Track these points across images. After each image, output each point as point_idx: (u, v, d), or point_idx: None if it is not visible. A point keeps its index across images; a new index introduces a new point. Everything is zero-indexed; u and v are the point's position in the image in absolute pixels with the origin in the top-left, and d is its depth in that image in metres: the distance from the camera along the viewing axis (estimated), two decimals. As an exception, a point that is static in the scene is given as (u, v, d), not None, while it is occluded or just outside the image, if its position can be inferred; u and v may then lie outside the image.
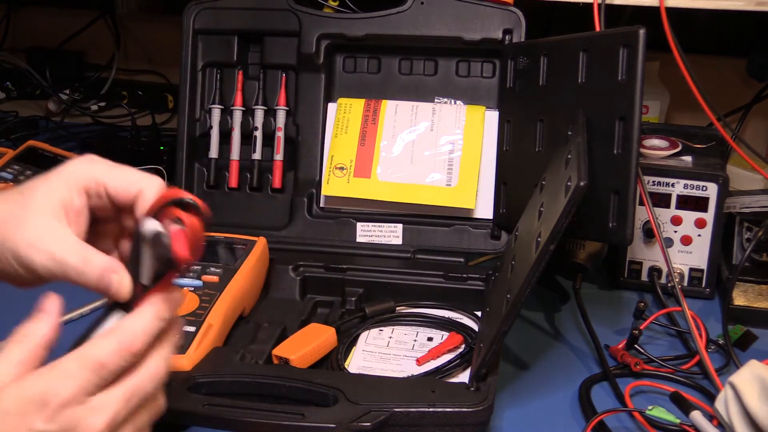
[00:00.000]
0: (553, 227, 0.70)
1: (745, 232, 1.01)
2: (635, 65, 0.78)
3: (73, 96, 1.59)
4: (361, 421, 0.68)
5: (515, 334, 0.92)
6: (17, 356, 0.54)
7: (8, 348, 0.55)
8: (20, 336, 0.55)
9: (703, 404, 0.79)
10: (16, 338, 0.55)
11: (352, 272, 0.95)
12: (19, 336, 0.55)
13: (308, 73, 1.05)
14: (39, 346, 0.55)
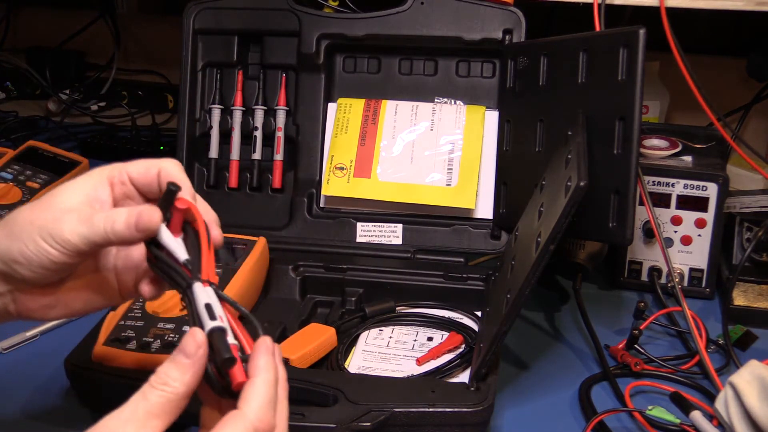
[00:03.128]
0: (553, 227, 0.70)
1: (745, 232, 1.01)
2: (635, 65, 0.78)
3: (73, 96, 1.59)
4: (361, 421, 0.68)
5: (515, 334, 0.92)
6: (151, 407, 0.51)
7: (145, 392, 0.52)
8: (159, 381, 0.52)
9: (703, 404, 0.79)
10: (154, 381, 0.52)
11: (352, 272, 0.95)
12: (159, 381, 0.52)
13: (308, 73, 1.05)
14: (180, 397, 0.52)
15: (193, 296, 0.55)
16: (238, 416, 0.51)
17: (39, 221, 0.58)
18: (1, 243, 0.59)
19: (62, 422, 0.77)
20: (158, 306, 0.82)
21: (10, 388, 0.81)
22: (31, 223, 0.58)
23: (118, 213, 0.58)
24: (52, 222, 0.58)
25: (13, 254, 0.58)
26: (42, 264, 0.58)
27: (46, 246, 0.58)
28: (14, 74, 1.64)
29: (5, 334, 0.88)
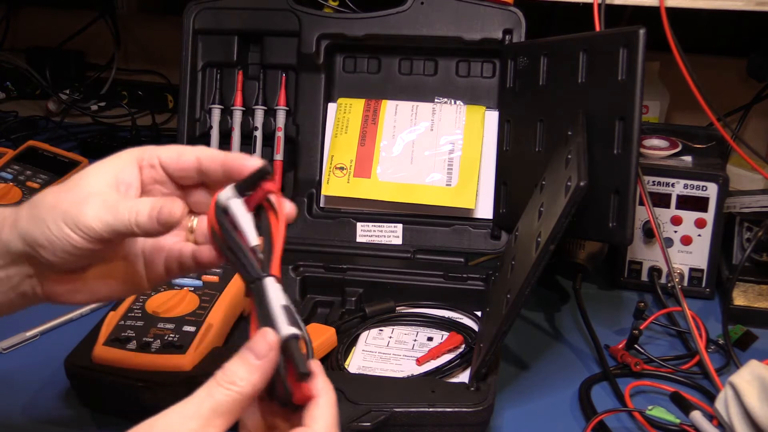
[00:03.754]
0: (553, 227, 0.70)
1: (745, 232, 1.01)
2: (635, 65, 0.78)
3: (73, 96, 1.59)
4: (361, 421, 0.68)
5: (515, 334, 0.92)
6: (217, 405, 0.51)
7: (210, 389, 0.52)
8: (227, 380, 0.52)
9: (703, 404, 0.79)
10: (221, 378, 0.52)
11: (352, 272, 0.95)
12: (226, 379, 0.52)
13: (308, 73, 1.05)
14: (246, 397, 0.52)
15: (264, 292, 0.53)
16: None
17: (63, 205, 0.57)
18: (25, 225, 0.58)
19: (62, 422, 0.77)
20: (158, 306, 0.82)
21: (10, 388, 0.81)
22: (54, 207, 0.58)
23: (142, 204, 0.57)
24: (76, 206, 0.57)
25: (37, 237, 0.57)
26: (65, 249, 0.57)
27: (68, 231, 0.57)
28: (14, 74, 1.64)
29: (5, 334, 0.88)
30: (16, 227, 0.58)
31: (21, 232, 0.58)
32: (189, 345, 0.77)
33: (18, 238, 0.58)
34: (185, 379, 0.74)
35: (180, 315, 0.81)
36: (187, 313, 0.82)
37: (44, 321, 0.91)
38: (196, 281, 0.86)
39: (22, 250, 0.59)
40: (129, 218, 0.56)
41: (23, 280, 0.61)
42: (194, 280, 0.86)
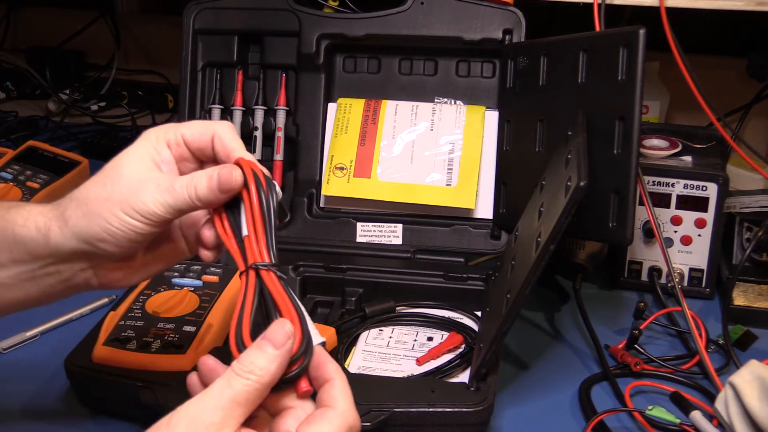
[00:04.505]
0: (553, 227, 0.70)
1: (745, 232, 1.01)
2: (635, 65, 0.78)
3: (73, 96, 1.59)
4: (361, 421, 0.68)
5: (515, 334, 0.92)
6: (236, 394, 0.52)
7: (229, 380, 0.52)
8: (245, 369, 0.52)
9: (703, 404, 0.79)
10: (239, 369, 0.52)
11: (352, 272, 0.95)
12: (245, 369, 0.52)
13: (308, 73, 1.05)
14: (265, 387, 0.53)
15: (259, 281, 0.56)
16: (335, 414, 0.53)
17: (116, 196, 0.59)
18: (80, 223, 0.59)
19: (62, 422, 0.77)
20: (158, 306, 0.82)
21: (10, 388, 0.82)
22: (107, 200, 0.59)
23: (198, 178, 0.59)
24: (132, 195, 0.59)
25: (96, 232, 0.59)
26: (128, 237, 0.59)
27: (130, 220, 0.59)
28: (14, 74, 1.64)
29: (5, 334, 0.88)
30: (68, 227, 0.60)
31: (75, 231, 0.60)
32: (189, 345, 0.77)
33: (72, 237, 0.60)
34: (185, 379, 0.74)
35: (180, 315, 0.81)
36: (187, 313, 0.82)
37: (44, 321, 0.91)
38: (196, 281, 0.86)
39: (77, 247, 0.60)
40: (189, 194, 0.59)
41: (76, 273, 0.63)
42: (194, 280, 0.86)
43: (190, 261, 0.89)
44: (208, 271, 0.88)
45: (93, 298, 0.96)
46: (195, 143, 0.62)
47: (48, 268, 0.62)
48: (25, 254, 0.61)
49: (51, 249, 0.61)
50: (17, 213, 0.62)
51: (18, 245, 0.61)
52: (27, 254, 0.61)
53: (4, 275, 0.62)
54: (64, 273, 0.63)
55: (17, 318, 0.91)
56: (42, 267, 0.62)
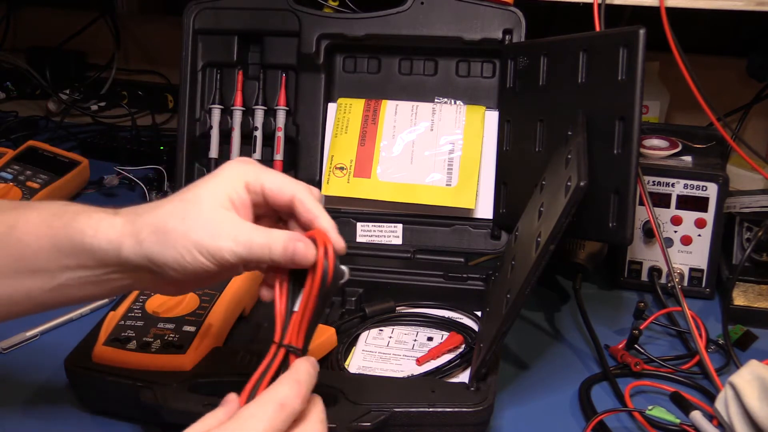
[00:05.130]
0: (553, 227, 0.70)
1: (745, 232, 1.01)
2: (635, 65, 0.78)
3: (73, 96, 1.59)
4: (361, 421, 0.68)
5: (515, 334, 0.92)
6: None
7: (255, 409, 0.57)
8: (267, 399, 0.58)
9: (703, 404, 0.79)
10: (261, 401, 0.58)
11: (352, 272, 0.95)
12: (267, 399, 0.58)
13: (308, 73, 1.05)
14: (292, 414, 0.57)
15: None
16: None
17: (193, 235, 0.62)
18: (154, 249, 0.62)
19: (62, 422, 0.77)
20: (158, 306, 0.82)
21: (10, 388, 0.82)
22: (184, 236, 0.62)
23: (275, 242, 0.61)
24: (209, 238, 0.61)
25: (167, 261, 0.62)
26: (196, 272, 0.62)
27: (203, 260, 0.62)
28: (14, 74, 1.64)
29: (5, 334, 0.88)
30: (141, 248, 0.62)
31: (147, 254, 0.62)
32: (189, 345, 0.77)
33: (143, 257, 0.62)
34: (185, 379, 0.74)
35: (180, 315, 0.81)
36: (187, 313, 0.82)
37: (44, 321, 0.91)
38: (196, 281, 0.86)
39: (145, 266, 0.63)
40: (263, 253, 0.62)
41: (137, 281, 0.66)
42: (194, 280, 0.86)
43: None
44: (208, 271, 0.88)
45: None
46: (274, 197, 0.64)
47: (113, 275, 0.65)
48: (93, 262, 0.64)
49: (120, 261, 0.63)
50: (86, 223, 0.64)
51: (86, 253, 0.64)
52: (95, 262, 0.64)
53: (69, 277, 0.65)
54: (126, 280, 0.66)
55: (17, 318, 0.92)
56: (107, 273, 0.65)
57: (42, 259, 0.65)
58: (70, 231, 0.64)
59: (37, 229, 0.65)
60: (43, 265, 0.65)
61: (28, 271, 0.65)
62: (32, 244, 0.65)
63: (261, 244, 0.61)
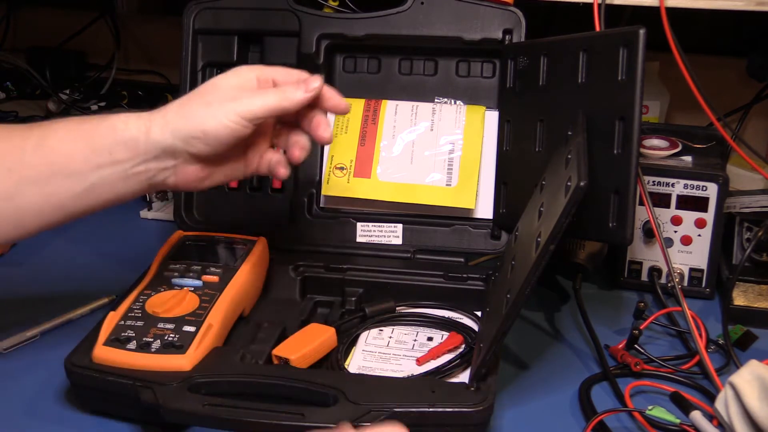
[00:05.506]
0: (553, 227, 0.70)
1: (745, 232, 1.01)
2: (635, 65, 0.78)
3: (73, 96, 1.59)
4: (361, 421, 0.68)
5: (515, 334, 0.92)
6: None
7: None
8: None
9: (703, 404, 0.79)
10: None
11: (352, 272, 0.95)
12: None
13: (308, 72, 1.05)
14: None
15: None
16: None
17: (215, 102, 0.73)
18: (178, 123, 0.73)
19: (62, 422, 0.77)
20: (158, 306, 0.82)
21: (10, 388, 0.82)
22: (208, 105, 0.73)
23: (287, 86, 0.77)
24: (230, 101, 0.73)
25: (193, 131, 0.73)
26: (218, 137, 0.73)
27: (226, 121, 0.73)
28: (14, 74, 1.63)
29: (5, 334, 0.89)
30: (168, 126, 0.73)
31: (173, 129, 0.73)
32: (189, 345, 0.77)
33: (170, 134, 0.73)
34: (185, 379, 0.74)
35: (180, 315, 0.81)
36: (187, 313, 0.82)
37: (44, 321, 0.91)
38: (196, 281, 0.86)
39: (171, 144, 0.73)
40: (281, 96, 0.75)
41: (160, 172, 0.75)
42: (194, 281, 0.86)
43: (190, 261, 0.89)
44: (208, 271, 0.88)
45: (93, 298, 0.96)
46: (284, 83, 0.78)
47: (139, 166, 0.74)
48: (124, 152, 0.73)
49: (148, 146, 0.73)
50: (116, 119, 0.74)
51: (119, 145, 0.73)
52: (126, 152, 0.73)
53: (102, 174, 0.73)
54: (151, 171, 0.75)
55: (17, 318, 0.92)
56: (135, 165, 0.74)
57: (76, 161, 0.73)
58: (102, 129, 0.73)
59: (69, 134, 0.73)
60: (77, 167, 0.73)
61: (61, 175, 0.72)
62: (66, 148, 0.73)
63: (274, 90, 0.76)
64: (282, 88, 0.76)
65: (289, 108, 0.76)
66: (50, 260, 1.08)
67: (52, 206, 0.74)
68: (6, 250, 1.09)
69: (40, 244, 1.12)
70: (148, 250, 0.95)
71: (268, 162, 0.81)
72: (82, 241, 1.13)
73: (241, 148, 0.80)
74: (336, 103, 0.79)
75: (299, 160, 0.81)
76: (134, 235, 1.16)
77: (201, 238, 0.96)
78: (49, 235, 1.14)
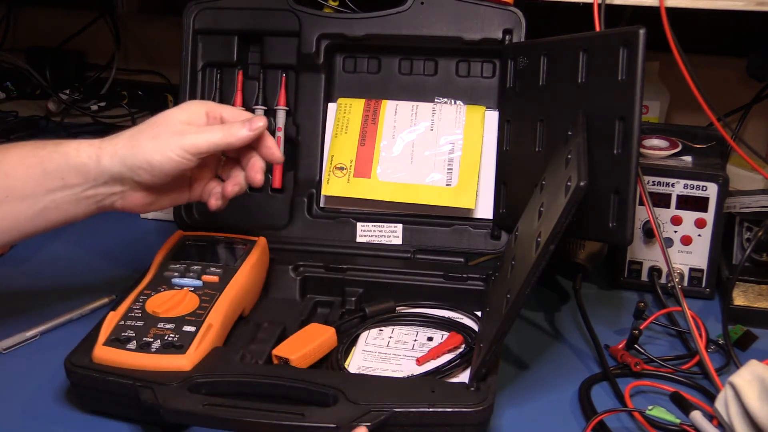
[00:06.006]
0: (553, 227, 0.70)
1: (745, 232, 1.01)
2: (635, 65, 0.78)
3: (73, 96, 1.59)
4: (361, 421, 0.68)
5: (515, 334, 0.92)
6: None
7: None
8: None
9: (703, 404, 0.79)
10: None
11: (352, 272, 0.95)
12: None
13: (308, 73, 1.05)
14: None
15: None
16: None
17: (163, 136, 0.79)
18: (127, 153, 0.79)
19: (62, 422, 0.77)
20: (158, 306, 0.82)
21: (10, 388, 0.82)
22: (155, 138, 0.79)
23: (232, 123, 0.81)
24: (177, 135, 0.79)
25: (140, 162, 0.78)
26: (163, 169, 0.79)
27: (171, 154, 0.78)
28: (14, 74, 1.64)
29: (5, 334, 0.88)
30: (117, 155, 0.79)
31: (121, 158, 0.78)
32: (189, 345, 0.77)
33: (118, 162, 0.78)
34: (185, 379, 0.74)
35: (180, 315, 0.81)
36: (187, 313, 0.82)
37: (44, 321, 0.91)
38: (196, 281, 0.86)
39: (118, 173, 0.79)
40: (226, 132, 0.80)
41: (108, 197, 0.81)
42: (194, 281, 0.86)
43: (190, 261, 0.89)
44: (208, 271, 0.88)
45: (93, 298, 0.96)
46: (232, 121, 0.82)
47: (89, 191, 0.79)
48: (75, 177, 0.78)
49: (98, 172, 0.78)
50: (69, 146, 0.79)
51: (71, 171, 0.78)
52: (77, 177, 0.78)
53: (54, 198, 0.78)
54: (100, 195, 0.80)
55: (17, 318, 0.92)
56: (85, 190, 0.79)
57: (29, 186, 0.78)
58: (55, 155, 0.78)
59: (24, 160, 0.78)
60: (30, 190, 0.78)
61: (16, 198, 0.78)
62: (20, 174, 0.77)
63: (221, 128, 0.80)
64: (228, 125, 0.81)
65: (233, 144, 0.81)
66: (50, 260, 1.08)
67: (7, 227, 0.79)
68: (6, 250, 1.09)
69: (40, 244, 1.12)
70: (148, 250, 0.95)
71: (210, 191, 0.87)
72: (82, 241, 1.13)
73: (186, 177, 0.86)
74: (271, 153, 0.84)
75: (231, 194, 0.86)
76: (134, 235, 1.16)
77: (201, 238, 0.96)
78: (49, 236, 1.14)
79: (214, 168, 0.88)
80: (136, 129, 0.81)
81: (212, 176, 0.87)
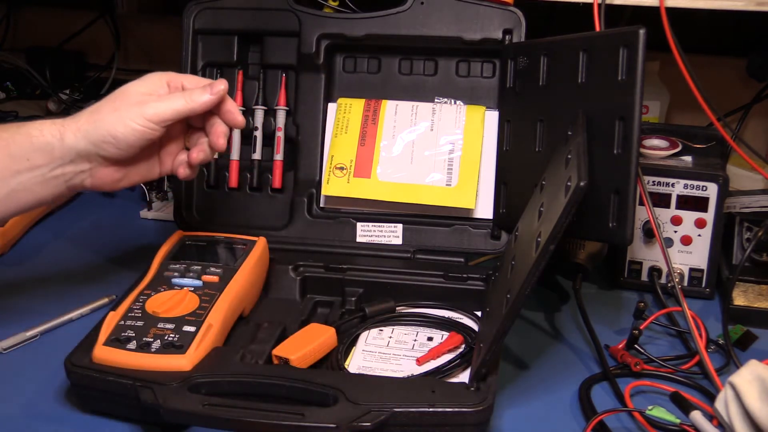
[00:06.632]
0: (553, 227, 0.70)
1: (745, 232, 1.01)
2: (635, 65, 0.78)
3: (73, 96, 1.59)
4: (361, 421, 0.68)
5: (515, 334, 0.92)
6: None
7: None
8: None
9: (703, 404, 0.79)
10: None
11: (352, 272, 0.95)
12: None
13: (308, 73, 1.05)
14: None
15: None
16: None
17: (123, 108, 0.78)
18: (90, 128, 0.78)
19: (62, 422, 0.77)
20: (158, 306, 0.82)
21: (10, 388, 0.82)
22: (116, 110, 0.78)
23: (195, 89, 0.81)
24: (138, 105, 0.78)
25: (104, 135, 0.78)
26: (128, 141, 0.78)
27: (133, 125, 0.78)
28: (14, 74, 1.64)
29: (5, 334, 0.88)
30: (80, 132, 0.78)
31: (86, 134, 0.78)
32: (189, 345, 0.77)
33: (82, 139, 0.78)
34: (185, 379, 0.74)
35: (180, 315, 0.81)
36: (187, 313, 0.82)
37: (44, 321, 0.91)
38: (196, 281, 0.86)
39: (84, 149, 0.78)
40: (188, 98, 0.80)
41: (76, 175, 0.80)
42: (194, 281, 0.86)
43: (190, 261, 0.89)
44: (208, 271, 0.88)
45: (93, 298, 0.96)
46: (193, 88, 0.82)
47: (56, 170, 0.79)
48: (41, 158, 0.78)
49: (63, 151, 0.78)
50: (32, 127, 0.79)
51: (36, 151, 0.78)
52: (43, 157, 0.78)
53: (21, 179, 0.78)
54: (67, 174, 0.80)
55: (17, 318, 0.92)
56: (52, 169, 0.79)
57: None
58: (18, 137, 0.78)
59: None
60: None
61: None
62: None
63: (182, 95, 0.80)
64: (189, 91, 0.81)
65: (195, 110, 0.81)
66: (50, 260, 1.08)
67: None
68: (6, 250, 1.09)
69: (40, 244, 1.12)
70: (148, 250, 0.95)
71: (180, 163, 0.86)
72: (82, 241, 1.13)
73: (154, 149, 0.85)
74: (232, 117, 0.84)
75: (196, 161, 0.85)
76: (134, 235, 1.16)
77: (201, 238, 0.96)
78: (49, 236, 1.14)
79: (182, 140, 0.87)
80: (97, 104, 0.80)
81: (181, 148, 0.87)
